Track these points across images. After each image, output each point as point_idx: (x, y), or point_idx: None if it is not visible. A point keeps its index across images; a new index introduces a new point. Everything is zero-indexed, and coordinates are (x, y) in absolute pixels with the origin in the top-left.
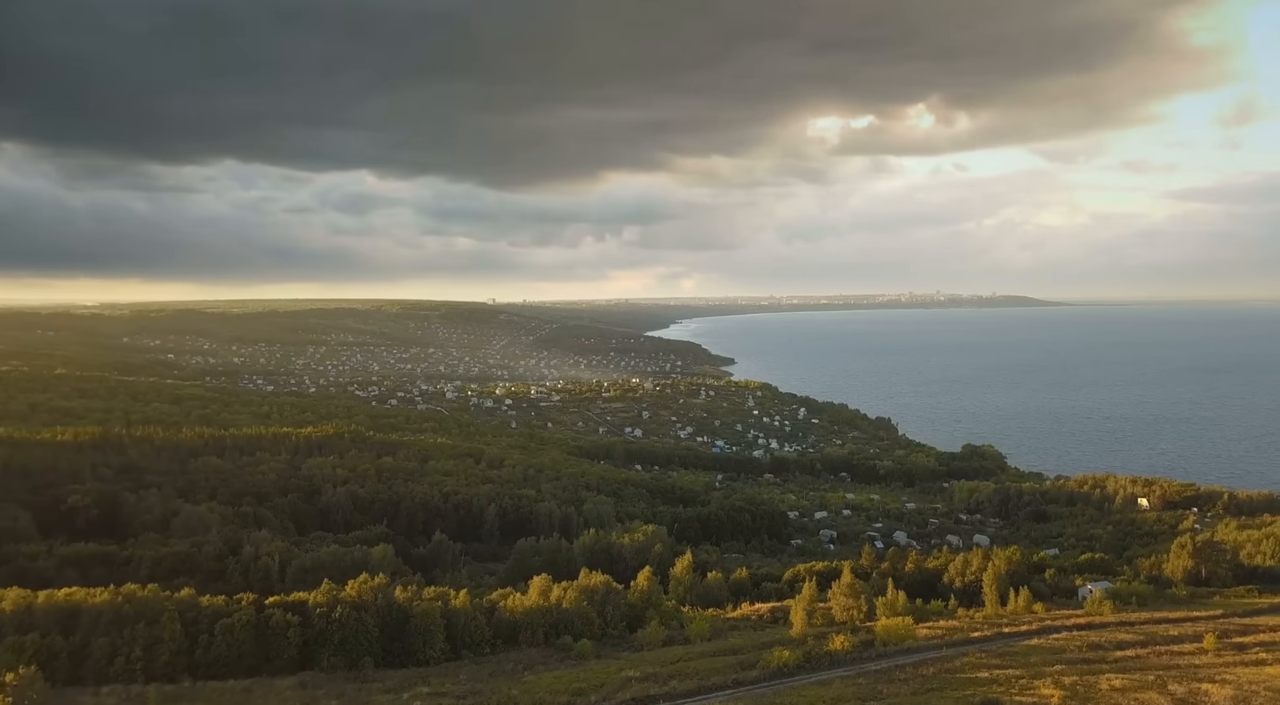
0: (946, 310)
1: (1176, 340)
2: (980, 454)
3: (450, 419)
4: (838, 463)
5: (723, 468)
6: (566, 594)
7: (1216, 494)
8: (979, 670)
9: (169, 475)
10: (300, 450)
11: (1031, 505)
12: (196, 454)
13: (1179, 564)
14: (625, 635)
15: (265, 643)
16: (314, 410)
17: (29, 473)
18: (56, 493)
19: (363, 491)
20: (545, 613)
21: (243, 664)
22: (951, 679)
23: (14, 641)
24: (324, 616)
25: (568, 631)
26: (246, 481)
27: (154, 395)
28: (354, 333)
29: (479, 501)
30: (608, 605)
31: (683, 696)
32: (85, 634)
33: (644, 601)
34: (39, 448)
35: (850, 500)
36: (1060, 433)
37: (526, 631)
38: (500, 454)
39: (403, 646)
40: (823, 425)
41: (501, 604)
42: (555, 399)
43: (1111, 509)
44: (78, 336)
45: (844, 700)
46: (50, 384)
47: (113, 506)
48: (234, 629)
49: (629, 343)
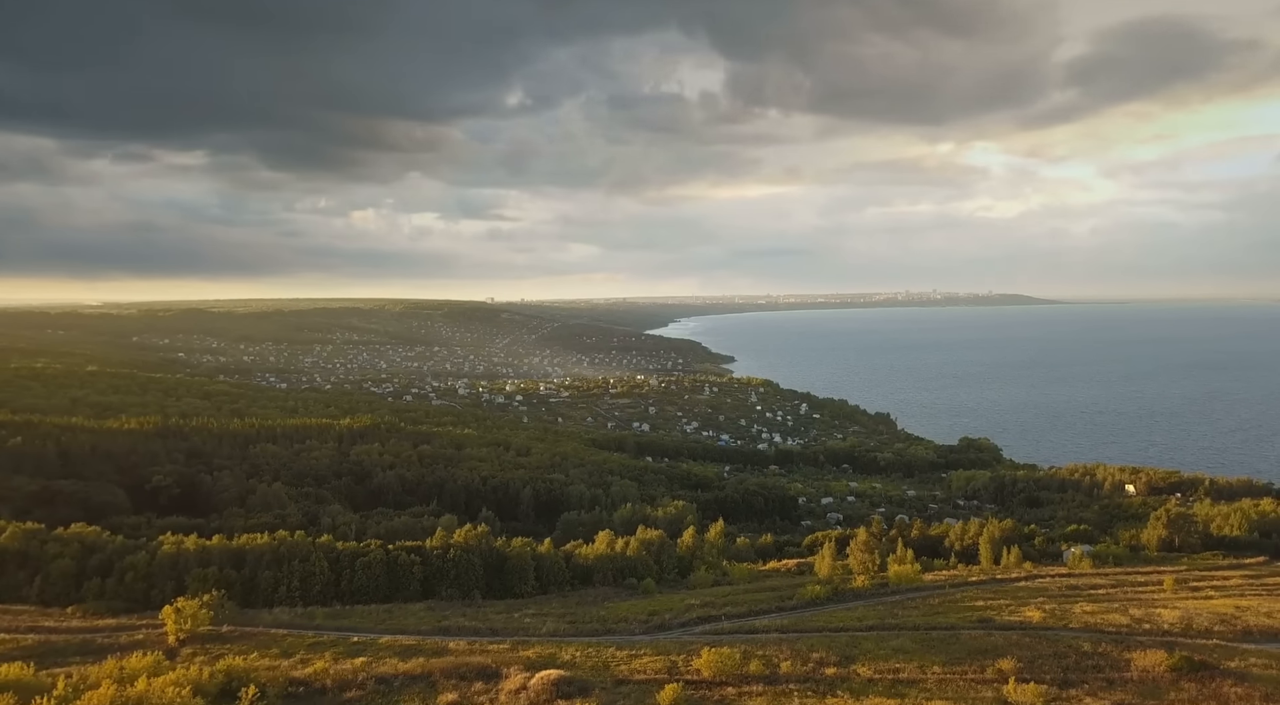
0: (943, 309)
1: (1172, 337)
2: (976, 446)
3: (468, 413)
4: (840, 455)
5: (729, 459)
6: (629, 544)
7: (1198, 480)
8: (976, 601)
9: (233, 460)
10: (345, 439)
11: (1025, 492)
12: (252, 442)
13: (1154, 533)
14: (679, 579)
15: (395, 577)
16: (336, 405)
17: (112, 456)
18: (140, 474)
19: (409, 475)
20: (613, 559)
21: (378, 593)
22: (954, 606)
23: (199, 573)
24: (440, 557)
25: (632, 575)
26: (303, 465)
27: (184, 391)
28: (359, 331)
29: (514, 484)
30: (663, 554)
31: (738, 617)
32: (252, 568)
33: (691, 554)
34: (117, 435)
35: (854, 488)
36: (1055, 426)
37: (599, 573)
38: (525, 444)
39: (501, 583)
40: (824, 420)
41: (577, 552)
42: (564, 395)
43: (1100, 494)
44: (88, 335)
45: (867, 619)
46: (85, 381)
47: (191, 486)
48: (370, 565)
49: (630, 341)
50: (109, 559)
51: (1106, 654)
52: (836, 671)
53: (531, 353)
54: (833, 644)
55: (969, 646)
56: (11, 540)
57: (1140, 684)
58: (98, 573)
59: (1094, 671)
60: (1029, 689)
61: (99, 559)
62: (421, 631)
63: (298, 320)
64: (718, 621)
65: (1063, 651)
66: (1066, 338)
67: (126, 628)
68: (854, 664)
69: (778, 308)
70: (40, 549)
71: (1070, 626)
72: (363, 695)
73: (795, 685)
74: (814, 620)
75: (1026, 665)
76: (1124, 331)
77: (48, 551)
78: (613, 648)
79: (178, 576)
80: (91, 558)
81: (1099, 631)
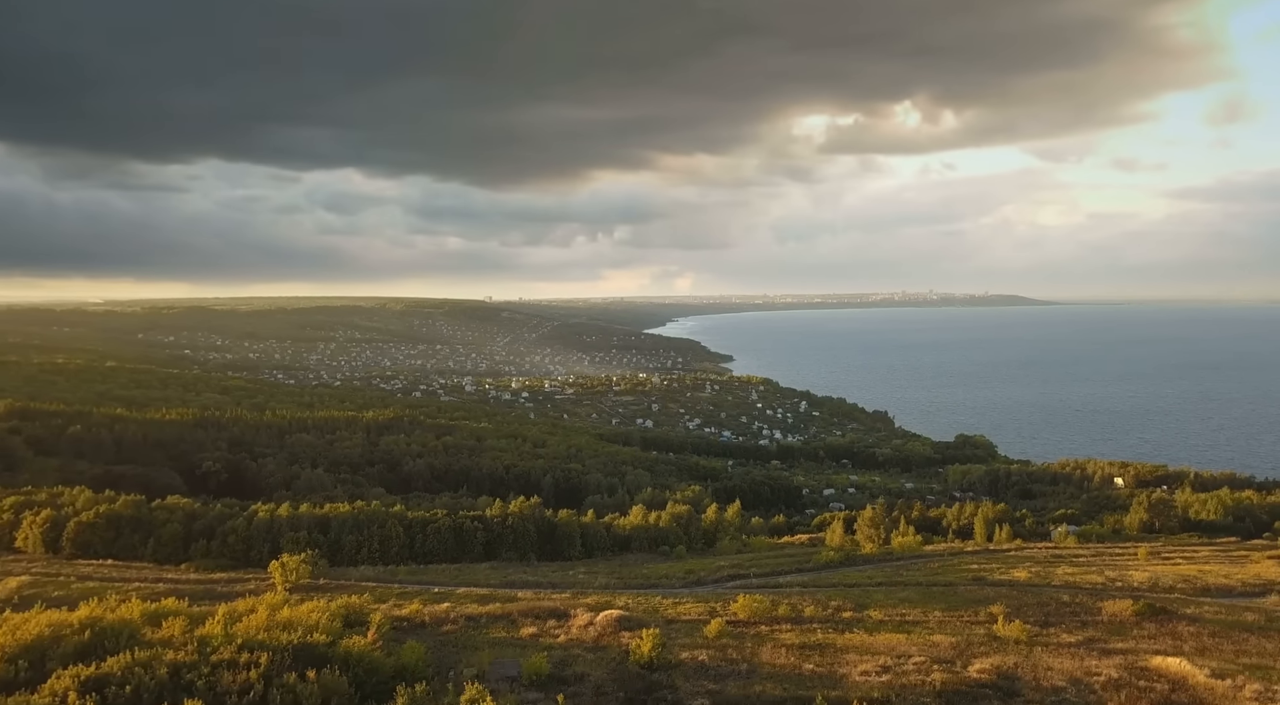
0: (939, 309)
1: (1168, 338)
2: (972, 443)
3: (478, 409)
4: (839, 450)
5: (732, 454)
6: (660, 517)
7: (1184, 473)
8: (971, 564)
9: (271, 448)
10: (372, 430)
11: (1019, 484)
12: (287, 432)
13: (1136, 517)
14: (705, 548)
15: (460, 540)
16: (350, 400)
17: (163, 444)
18: (189, 460)
19: (437, 463)
20: (647, 530)
21: (447, 555)
22: (951, 568)
23: (290, 536)
24: (500, 524)
25: (664, 543)
26: (338, 454)
27: (202, 386)
28: (361, 330)
29: (535, 473)
30: (691, 526)
31: (763, 576)
32: (336, 533)
33: (714, 526)
34: (164, 425)
35: (854, 481)
36: (1050, 424)
37: (636, 541)
38: (540, 437)
39: (552, 547)
40: (823, 417)
41: (615, 523)
42: (569, 392)
43: (1090, 487)
44: (94, 332)
45: (876, 577)
46: (107, 376)
47: (237, 471)
48: (440, 531)
49: (630, 340)
50: (210, 524)
51: (1082, 603)
52: (852, 615)
53: (533, 351)
54: (848, 595)
55: (965, 597)
56: (125, 508)
57: (1109, 624)
58: (202, 536)
59: (1070, 615)
60: (1015, 626)
61: (202, 524)
62: (491, 584)
63: (300, 318)
64: (746, 578)
65: (1045, 601)
66: (1062, 338)
67: (238, 580)
68: (866, 610)
69: (774, 307)
70: (151, 515)
71: (1052, 584)
72: (456, 629)
73: (818, 624)
74: (830, 578)
75: (1014, 610)
76: (1123, 332)
77: (157, 518)
78: (658, 597)
79: (273, 539)
80: (195, 523)
81: (1077, 587)
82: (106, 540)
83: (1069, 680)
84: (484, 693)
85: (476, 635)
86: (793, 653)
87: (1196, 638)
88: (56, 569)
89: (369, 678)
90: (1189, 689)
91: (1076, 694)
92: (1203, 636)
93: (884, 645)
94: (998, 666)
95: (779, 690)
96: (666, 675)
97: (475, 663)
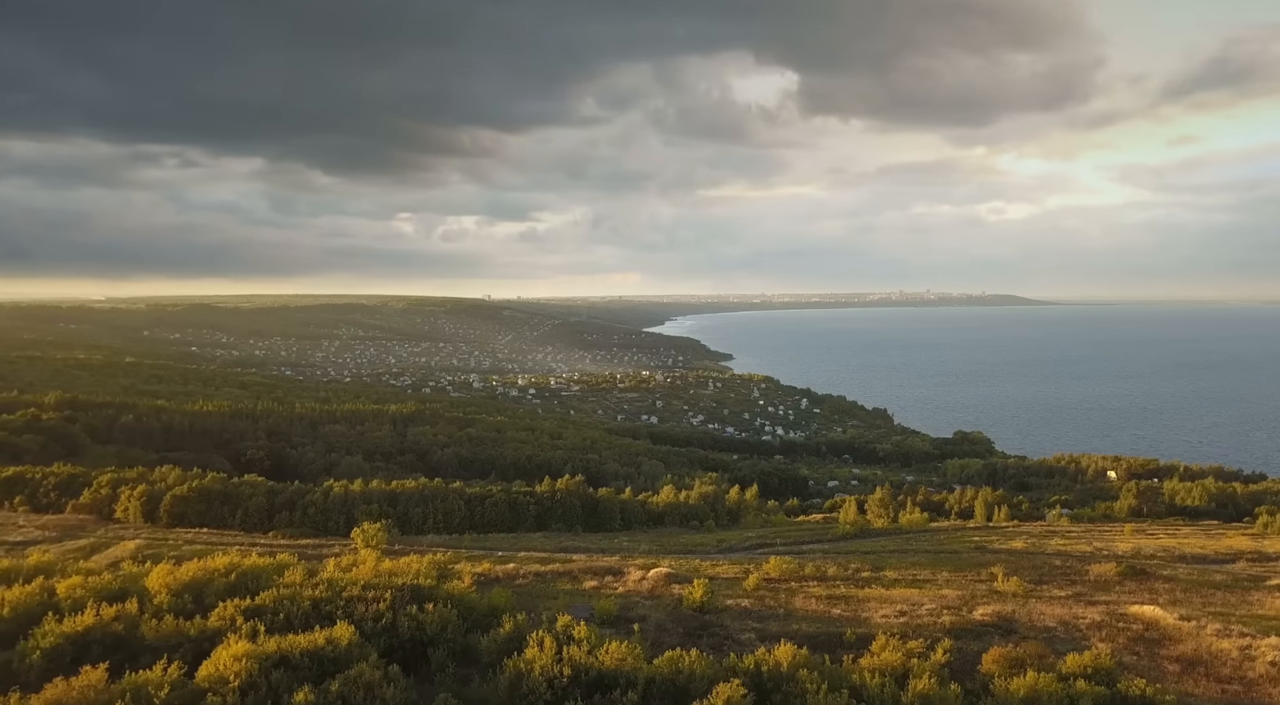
0: (937, 308)
1: (1166, 338)
2: (970, 439)
3: (489, 404)
4: (841, 446)
5: (737, 449)
6: (689, 495)
7: (1174, 467)
8: (973, 537)
9: (307, 438)
10: (398, 422)
11: (1015, 477)
12: (319, 423)
13: (1125, 503)
14: (731, 524)
15: (515, 513)
16: (366, 395)
17: (208, 433)
18: (233, 448)
19: (464, 453)
20: (677, 506)
21: (503, 526)
22: (956, 539)
23: (364, 509)
24: (549, 498)
25: (694, 518)
26: (369, 444)
27: (222, 381)
28: (364, 327)
29: (556, 462)
30: (717, 504)
31: (787, 544)
32: (403, 507)
33: (737, 506)
34: (206, 416)
35: (857, 474)
36: (1047, 421)
37: (668, 517)
38: (556, 430)
39: (596, 520)
40: (824, 414)
41: (649, 500)
42: (574, 389)
43: (1084, 479)
44: (100, 329)
45: (889, 546)
46: (128, 371)
47: (279, 459)
48: (497, 504)
49: (630, 338)
50: (290, 498)
51: (1072, 566)
52: (870, 574)
53: (535, 349)
54: (865, 559)
55: (969, 561)
56: (214, 483)
57: (1095, 582)
58: (284, 508)
59: (1061, 575)
60: (1013, 582)
61: (282, 498)
62: (547, 549)
63: (304, 316)
64: (773, 546)
65: (1039, 565)
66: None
67: (323, 545)
68: (883, 571)
69: (772, 307)
70: (237, 490)
71: (1045, 552)
72: (528, 582)
73: (841, 581)
74: (847, 547)
75: (1012, 571)
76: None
77: (243, 492)
78: (697, 560)
79: (347, 511)
80: (277, 497)
81: (1068, 555)
82: (199, 512)
83: (1059, 622)
84: (573, 622)
85: (546, 587)
86: (822, 602)
87: (1170, 593)
88: (161, 535)
89: (469, 614)
90: (1160, 628)
91: (1065, 632)
92: (1175, 592)
93: (900, 597)
94: (998, 612)
95: (813, 628)
96: (716, 617)
97: (551, 607)
